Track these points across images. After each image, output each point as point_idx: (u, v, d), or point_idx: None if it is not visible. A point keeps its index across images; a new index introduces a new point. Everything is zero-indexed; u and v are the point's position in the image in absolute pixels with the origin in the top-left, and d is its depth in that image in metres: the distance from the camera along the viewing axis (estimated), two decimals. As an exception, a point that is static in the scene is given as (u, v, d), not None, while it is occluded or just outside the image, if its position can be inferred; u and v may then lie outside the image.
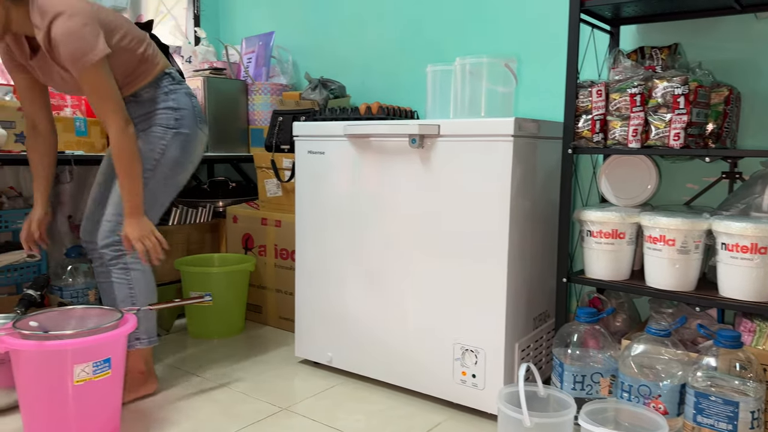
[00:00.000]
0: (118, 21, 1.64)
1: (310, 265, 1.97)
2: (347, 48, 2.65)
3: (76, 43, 1.48)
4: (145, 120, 1.73)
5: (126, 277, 1.71)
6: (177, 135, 1.74)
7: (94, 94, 1.57)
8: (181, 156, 1.76)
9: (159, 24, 2.89)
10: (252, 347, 2.22)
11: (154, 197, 1.74)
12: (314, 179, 1.94)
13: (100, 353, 1.42)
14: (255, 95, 2.69)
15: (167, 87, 1.75)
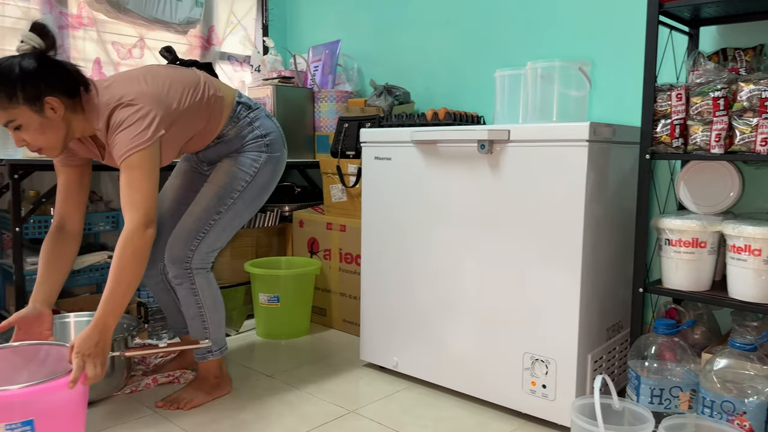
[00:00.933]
0: (173, 79, 1.56)
1: (376, 270, 1.99)
2: (411, 54, 2.67)
3: (131, 131, 1.42)
4: (235, 153, 1.73)
5: (195, 298, 1.70)
6: (269, 159, 1.75)
7: (128, 184, 1.42)
8: (269, 180, 1.77)
9: (229, 34, 2.99)
10: (317, 349, 2.25)
11: (236, 216, 1.73)
12: (381, 185, 1.95)
13: (14, 414, 1.17)
14: (321, 102, 2.75)
15: (248, 117, 1.73)
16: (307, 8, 3.13)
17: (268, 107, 2.65)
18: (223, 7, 2.95)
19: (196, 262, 1.68)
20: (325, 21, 3.04)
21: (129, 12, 2.44)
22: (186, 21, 2.66)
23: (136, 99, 1.46)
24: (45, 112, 1.40)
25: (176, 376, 1.90)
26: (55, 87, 1.40)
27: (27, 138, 1.41)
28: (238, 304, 2.56)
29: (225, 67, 3.01)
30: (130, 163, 1.41)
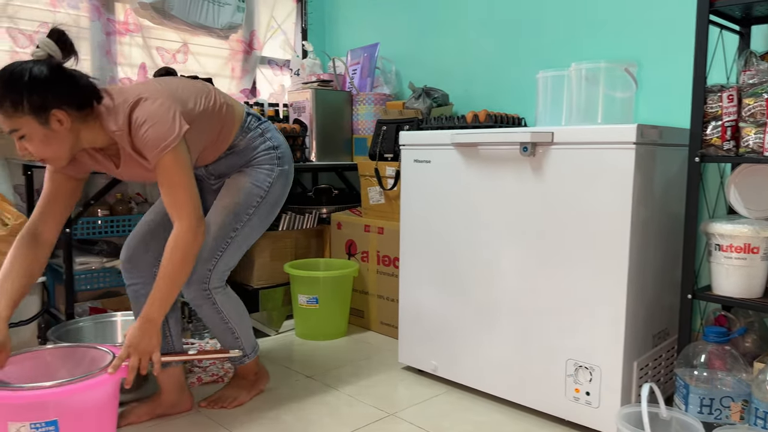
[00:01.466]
0: (183, 87, 1.53)
1: (415, 273, 1.99)
2: (450, 56, 2.66)
3: (159, 127, 1.38)
4: (246, 166, 1.68)
5: (218, 315, 1.66)
6: (282, 173, 1.71)
7: (169, 184, 1.40)
8: (281, 195, 1.72)
9: (270, 39, 3.04)
10: (355, 351, 2.26)
11: (252, 232, 1.68)
12: (420, 188, 1.95)
13: (39, 414, 1.19)
14: (359, 105, 2.76)
15: (258, 128, 1.69)
16: (345, 12, 3.15)
17: (307, 111, 2.68)
18: (264, 12, 2.99)
19: (214, 281, 1.61)
20: (364, 24, 3.05)
21: (173, 18, 2.50)
22: (228, 26, 2.71)
23: (155, 95, 1.42)
24: (51, 124, 1.30)
25: (220, 375, 1.94)
26: (64, 99, 1.31)
27: (31, 148, 1.32)
28: (278, 304, 2.59)
29: (265, 72, 3.06)
30: (167, 162, 1.38)
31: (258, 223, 1.68)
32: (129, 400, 1.72)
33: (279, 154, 1.70)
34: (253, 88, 3.00)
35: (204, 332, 2.38)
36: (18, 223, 1.94)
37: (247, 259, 2.54)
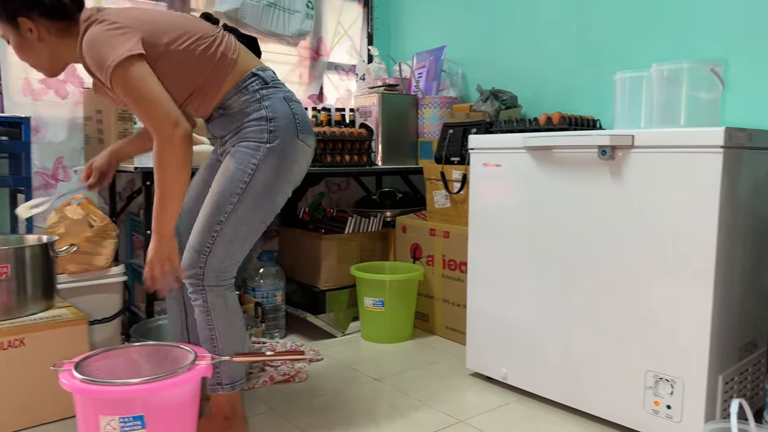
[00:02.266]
0: (174, 22, 1.44)
1: (484, 279, 1.96)
2: (518, 57, 2.62)
3: (99, 48, 1.33)
4: (236, 134, 1.49)
5: (206, 318, 1.49)
6: (270, 151, 1.45)
7: (131, 100, 1.35)
8: (274, 177, 1.47)
9: (336, 44, 3.08)
10: (421, 355, 2.26)
11: (242, 223, 1.47)
12: (490, 192, 1.93)
13: (127, 408, 1.22)
14: (425, 109, 2.76)
15: (258, 93, 1.47)
16: (410, 16, 3.16)
17: (374, 115, 2.70)
18: (331, 18, 3.04)
19: (209, 278, 1.47)
20: (429, 28, 3.05)
21: (246, 26, 2.57)
22: (298, 33, 2.77)
23: (116, 19, 1.36)
24: (22, 32, 1.38)
25: (291, 375, 1.98)
26: (33, 8, 1.35)
27: (18, 55, 1.44)
28: (343, 306, 2.62)
29: (332, 77, 3.11)
30: (117, 78, 1.32)
31: (246, 213, 1.46)
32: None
33: (271, 127, 1.46)
34: (320, 94, 3.05)
35: (274, 332, 2.44)
36: (103, 225, 2.05)
37: (314, 261, 2.58)
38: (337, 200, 3.16)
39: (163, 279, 1.41)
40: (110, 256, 2.09)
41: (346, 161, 2.53)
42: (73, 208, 2.01)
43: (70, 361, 1.31)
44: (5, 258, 1.65)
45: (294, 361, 2.05)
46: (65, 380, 1.24)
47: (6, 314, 1.66)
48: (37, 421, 1.65)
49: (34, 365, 1.62)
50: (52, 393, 1.65)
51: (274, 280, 2.47)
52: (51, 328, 1.65)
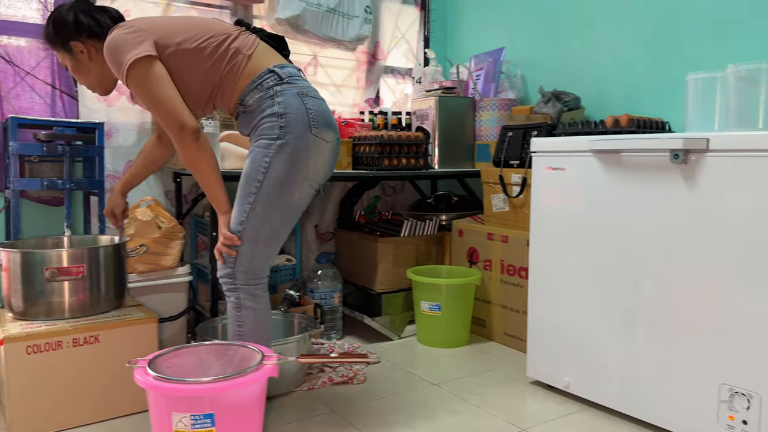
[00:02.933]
0: (188, 24, 1.51)
1: (546, 285, 1.92)
2: (581, 58, 2.55)
3: (116, 51, 1.43)
4: (254, 132, 1.52)
5: (236, 314, 1.55)
6: (282, 148, 1.46)
7: (144, 101, 1.46)
8: (287, 173, 1.48)
9: (393, 48, 3.09)
10: (479, 361, 2.23)
11: (263, 222, 1.50)
12: (553, 196, 1.89)
13: (198, 406, 1.26)
14: (482, 111, 2.73)
15: (272, 89, 1.48)
16: (468, 18, 3.14)
17: (431, 118, 2.70)
18: (389, 22, 3.05)
19: (240, 278, 1.53)
20: (487, 29, 3.02)
21: (307, 32, 2.62)
22: (356, 38, 2.79)
23: (133, 23, 1.47)
24: (75, 55, 1.54)
25: (350, 377, 1.99)
26: (81, 31, 1.51)
27: (75, 77, 1.60)
28: (398, 309, 2.62)
29: (388, 80, 3.12)
30: (131, 80, 1.43)
31: (266, 212, 1.49)
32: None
33: (282, 123, 1.46)
34: (377, 98, 3.06)
35: (331, 333, 2.46)
36: (171, 226, 2.12)
37: (370, 264, 2.59)
38: (391, 203, 3.17)
39: (222, 247, 1.52)
40: (177, 256, 2.16)
41: (402, 164, 2.53)
42: (143, 210, 2.08)
43: (144, 359, 1.35)
44: (81, 258, 1.73)
45: (353, 363, 2.06)
46: (139, 377, 1.28)
47: (81, 312, 1.74)
48: (111, 415, 1.72)
49: (108, 361, 1.69)
50: (125, 388, 1.72)
51: (332, 282, 2.49)
52: (123, 326, 1.71)
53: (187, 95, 1.51)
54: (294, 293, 2.19)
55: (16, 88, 2.19)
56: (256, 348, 1.42)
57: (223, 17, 2.57)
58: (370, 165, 2.51)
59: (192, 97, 1.53)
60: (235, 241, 1.50)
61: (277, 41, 1.62)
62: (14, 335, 1.58)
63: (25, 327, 1.64)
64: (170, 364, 1.41)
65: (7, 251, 1.71)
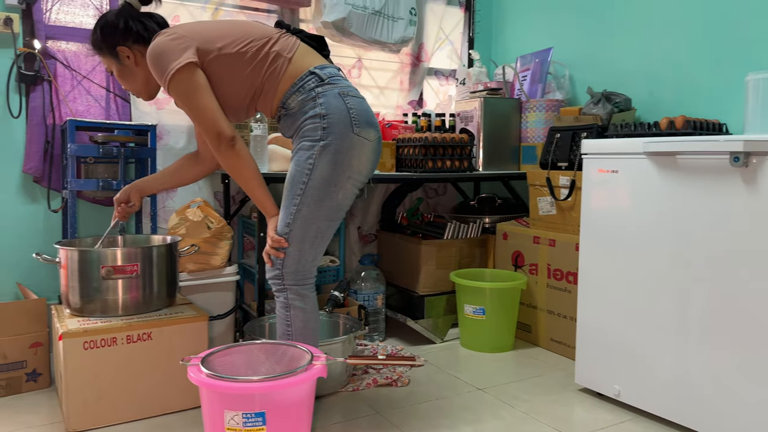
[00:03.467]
0: (229, 29, 1.53)
1: (597, 291, 1.88)
2: (631, 58, 2.49)
3: (159, 57, 1.45)
4: (296, 134, 1.54)
5: (285, 313, 1.57)
6: (325, 149, 1.48)
7: (185, 109, 1.50)
8: (332, 173, 1.49)
9: (437, 50, 3.08)
10: (524, 367, 2.20)
11: (308, 223, 1.52)
12: (605, 199, 1.84)
13: (250, 405, 1.28)
14: (529, 112, 2.69)
15: (314, 90, 1.50)
16: (513, 19, 3.10)
17: (475, 120, 2.67)
18: (433, 24, 3.04)
19: (288, 279, 1.55)
20: (533, 30, 2.97)
21: (352, 35, 2.63)
22: (401, 40, 2.79)
23: (175, 30, 1.50)
24: (121, 60, 1.56)
25: (394, 379, 1.99)
26: (129, 36, 1.54)
27: (120, 82, 1.63)
28: (440, 312, 2.60)
29: (432, 82, 3.11)
30: (173, 88, 1.46)
31: (309, 211, 1.51)
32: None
33: (325, 124, 1.48)
34: (420, 99, 3.05)
35: (374, 335, 2.46)
36: (220, 227, 2.16)
37: (413, 266, 2.59)
38: (433, 205, 3.16)
39: (270, 249, 1.55)
40: (225, 256, 2.20)
41: (446, 167, 2.51)
42: (194, 211, 2.13)
43: (197, 356, 1.38)
44: (135, 257, 1.78)
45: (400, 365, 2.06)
46: (193, 374, 1.31)
47: (135, 309, 1.79)
48: (162, 411, 1.76)
49: (159, 358, 1.73)
50: (175, 385, 1.76)
51: (375, 284, 2.50)
52: (175, 324, 1.75)
53: (228, 99, 1.54)
54: (339, 294, 2.20)
55: (73, 92, 2.28)
56: (305, 348, 1.43)
57: (270, 21, 2.61)
58: (414, 167, 2.50)
59: (233, 101, 1.55)
60: (283, 243, 1.52)
61: (317, 41, 1.63)
62: (72, 331, 1.63)
63: (82, 323, 1.69)
64: (222, 362, 1.43)
65: (66, 249, 1.77)
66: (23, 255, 2.21)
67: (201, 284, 2.16)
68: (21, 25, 2.15)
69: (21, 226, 2.21)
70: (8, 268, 2.19)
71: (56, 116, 2.22)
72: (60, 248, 1.78)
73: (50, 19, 2.23)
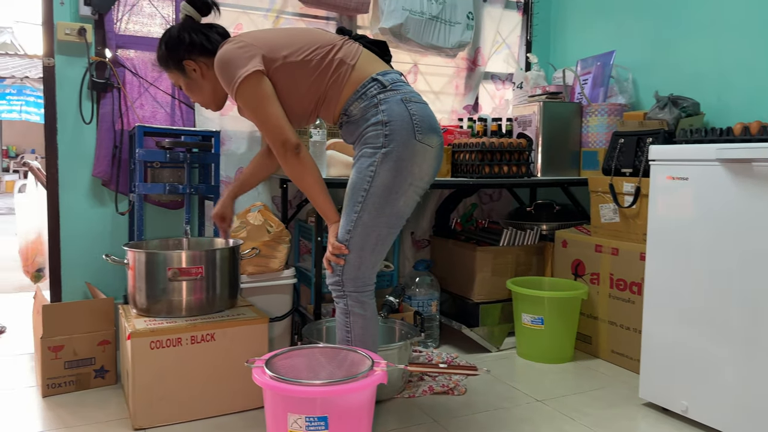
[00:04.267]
0: (293, 36, 1.53)
1: (664, 302, 1.80)
2: (699, 61, 2.39)
3: (227, 65, 1.47)
4: (358, 141, 1.54)
5: (345, 319, 1.57)
6: (387, 156, 1.47)
7: (251, 117, 1.51)
8: (394, 180, 1.48)
9: (494, 54, 3.04)
10: (585, 379, 2.13)
11: (369, 230, 1.51)
12: (674, 208, 1.77)
13: (313, 409, 1.28)
14: (590, 117, 2.62)
15: (376, 97, 1.49)
16: (573, 22, 3.03)
17: (534, 124, 2.62)
18: (490, 27, 3.00)
19: (348, 286, 1.55)
20: (594, 33, 2.90)
21: (408, 41, 2.63)
22: (457, 45, 2.77)
23: (242, 38, 1.51)
24: (188, 74, 1.58)
25: (450, 387, 1.97)
26: (193, 49, 1.55)
27: (188, 95, 1.65)
28: (495, 320, 2.56)
29: (488, 86, 3.07)
30: (240, 95, 1.47)
31: (372, 221, 1.50)
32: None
33: (387, 131, 1.47)
34: (476, 104, 3.02)
35: (428, 341, 2.45)
36: (279, 230, 2.19)
37: (468, 273, 2.55)
38: (488, 211, 3.11)
39: (330, 256, 1.56)
40: (283, 259, 2.23)
41: (503, 172, 2.48)
42: (254, 215, 2.17)
43: (261, 358, 1.40)
44: (200, 259, 1.82)
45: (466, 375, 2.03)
46: (257, 376, 1.32)
47: (199, 311, 1.83)
48: (224, 411, 1.79)
49: (222, 359, 1.77)
50: (237, 385, 1.79)
51: (429, 290, 2.48)
52: (237, 325, 1.79)
53: (291, 107, 1.54)
54: (394, 300, 2.19)
55: (140, 98, 2.36)
56: (366, 353, 1.43)
57: (329, 28, 2.64)
58: (470, 172, 2.48)
59: (297, 109, 1.56)
60: (343, 250, 1.53)
61: (378, 46, 1.63)
62: (140, 330, 1.69)
63: (149, 323, 1.75)
64: (284, 365, 1.45)
65: (134, 251, 1.83)
66: (92, 256, 2.30)
67: (260, 286, 2.20)
68: (93, 35, 2.25)
69: (90, 228, 2.30)
70: (78, 268, 2.29)
71: (124, 122, 2.31)
72: (128, 250, 1.84)
73: (120, 29, 2.32)
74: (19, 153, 13.53)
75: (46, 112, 2.23)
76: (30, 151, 13.61)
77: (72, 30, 2.20)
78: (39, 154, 12.27)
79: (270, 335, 2.23)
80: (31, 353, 2.34)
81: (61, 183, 2.25)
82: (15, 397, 1.91)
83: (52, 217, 2.25)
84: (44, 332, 1.89)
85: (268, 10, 2.53)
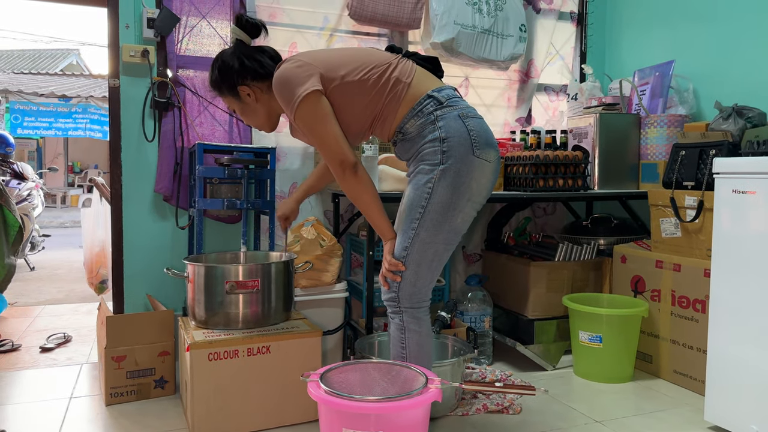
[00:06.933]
0: (350, 56, 1.54)
1: (731, 320, 1.72)
2: (765, 69, 2.29)
3: (286, 84, 1.46)
4: (414, 158, 1.54)
5: (400, 335, 1.56)
6: (445, 172, 1.47)
7: (309, 136, 1.52)
8: (452, 197, 1.48)
9: (547, 65, 3.00)
10: (645, 399, 2.05)
11: (426, 247, 1.51)
12: (741, 222, 1.69)
13: (368, 425, 1.27)
14: (649, 128, 2.54)
15: (433, 114, 1.49)
16: (629, 32, 2.96)
17: (590, 136, 2.56)
18: (543, 39, 2.97)
19: (404, 301, 1.54)
20: (651, 42, 2.82)
21: (460, 55, 2.62)
22: (510, 57, 2.75)
23: (300, 57, 1.51)
24: (242, 98, 1.60)
25: (505, 406, 1.93)
26: (246, 74, 1.56)
27: (242, 119, 1.67)
28: (551, 338, 2.49)
29: (541, 98, 3.03)
30: (298, 115, 1.47)
31: (428, 235, 1.50)
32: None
33: (445, 147, 1.46)
34: (529, 116, 2.98)
35: (481, 358, 2.41)
36: (331, 244, 2.22)
37: (521, 288, 2.51)
38: (541, 225, 3.05)
39: (386, 273, 1.55)
40: (336, 273, 2.25)
41: (558, 185, 2.42)
42: (308, 229, 2.20)
43: (316, 372, 1.41)
44: (256, 273, 1.86)
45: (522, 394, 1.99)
46: (313, 390, 1.33)
47: (255, 323, 1.87)
48: (278, 423, 1.81)
49: (277, 371, 1.80)
50: (291, 398, 1.81)
51: (482, 305, 2.45)
52: (292, 338, 1.81)
53: (348, 125, 1.54)
54: (446, 315, 2.17)
55: (200, 117, 2.44)
56: (419, 370, 1.42)
57: (381, 44, 2.66)
58: (524, 186, 2.44)
59: (353, 127, 1.56)
60: (400, 267, 1.52)
61: (431, 63, 1.64)
62: (199, 342, 1.73)
63: (207, 335, 1.79)
64: (338, 379, 1.45)
65: (193, 265, 1.88)
66: (153, 269, 2.37)
67: (313, 300, 2.22)
68: (156, 56, 2.35)
69: (151, 242, 2.38)
70: (140, 281, 2.37)
71: (185, 140, 2.39)
72: (188, 263, 1.90)
73: (181, 50, 2.41)
74: (83, 168, 14.20)
75: (111, 131, 2.33)
76: (93, 166, 14.27)
77: (136, 52, 2.30)
78: (102, 170, 12.86)
79: (323, 348, 2.25)
80: (95, 362, 2.44)
81: (124, 198, 2.34)
82: (80, 405, 1.98)
83: (115, 230, 2.34)
84: (108, 342, 1.97)
85: (322, 29, 2.57)
